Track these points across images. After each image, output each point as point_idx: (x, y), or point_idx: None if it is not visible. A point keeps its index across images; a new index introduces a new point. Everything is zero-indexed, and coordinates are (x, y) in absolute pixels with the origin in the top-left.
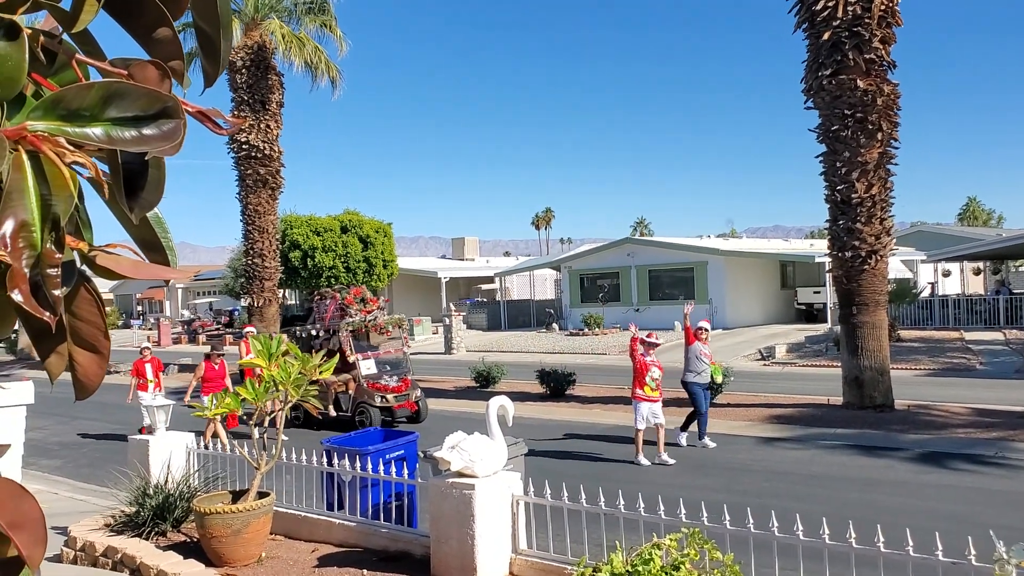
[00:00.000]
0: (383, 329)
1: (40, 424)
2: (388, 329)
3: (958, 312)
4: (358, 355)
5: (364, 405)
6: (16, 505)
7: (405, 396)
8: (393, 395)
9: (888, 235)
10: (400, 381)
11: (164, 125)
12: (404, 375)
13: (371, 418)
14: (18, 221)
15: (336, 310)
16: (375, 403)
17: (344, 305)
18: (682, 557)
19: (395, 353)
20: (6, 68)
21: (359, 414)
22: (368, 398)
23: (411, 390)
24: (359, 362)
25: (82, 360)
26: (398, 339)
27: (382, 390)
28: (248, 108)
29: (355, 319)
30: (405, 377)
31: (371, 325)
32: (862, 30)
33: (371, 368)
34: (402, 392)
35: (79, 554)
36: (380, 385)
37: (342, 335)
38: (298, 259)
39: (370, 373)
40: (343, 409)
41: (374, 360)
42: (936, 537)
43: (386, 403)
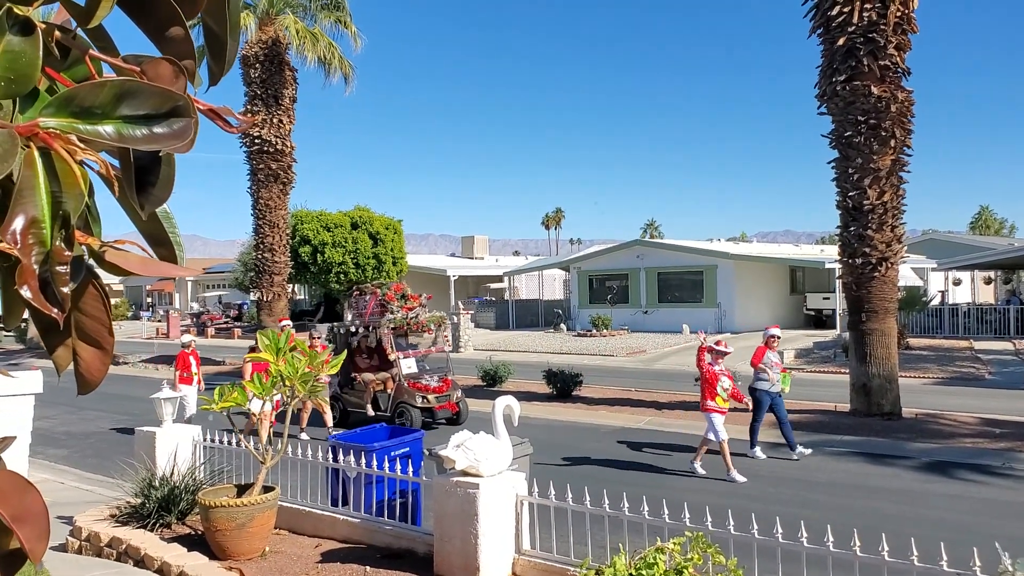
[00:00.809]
0: (425, 327)
1: (48, 414)
2: (430, 327)
3: (968, 321)
4: (399, 353)
5: (404, 405)
6: (20, 498)
7: (446, 397)
8: (434, 395)
9: (899, 242)
10: (441, 381)
11: (175, 124)
12: (445, 375)
13: (412, 419)
14: (28, 218)
15: (376, 306)
16: (416, 403)
17: (385, 301)
18: (685, 561)
19: (436, 352)
20: (20, 64)
21: (399, 414)
22: (409, 398)
23: (452, 390)
24: (400, 361)
25: (85, 355)
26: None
27: (423, 390)
28: (261, 102)
29: (396, 316)
30: (446, 377)
31: (413, 323)
32: (877, 36)
33: (412, 367)
34: (443, 393)
35: (84, 544)
36: (421, 385)
37: (383, 332)
38: (308, 254)
39: (411, 372)
40: (382, 408)
41: (415, 359)
42: (941, 547)
43: (427, 404)
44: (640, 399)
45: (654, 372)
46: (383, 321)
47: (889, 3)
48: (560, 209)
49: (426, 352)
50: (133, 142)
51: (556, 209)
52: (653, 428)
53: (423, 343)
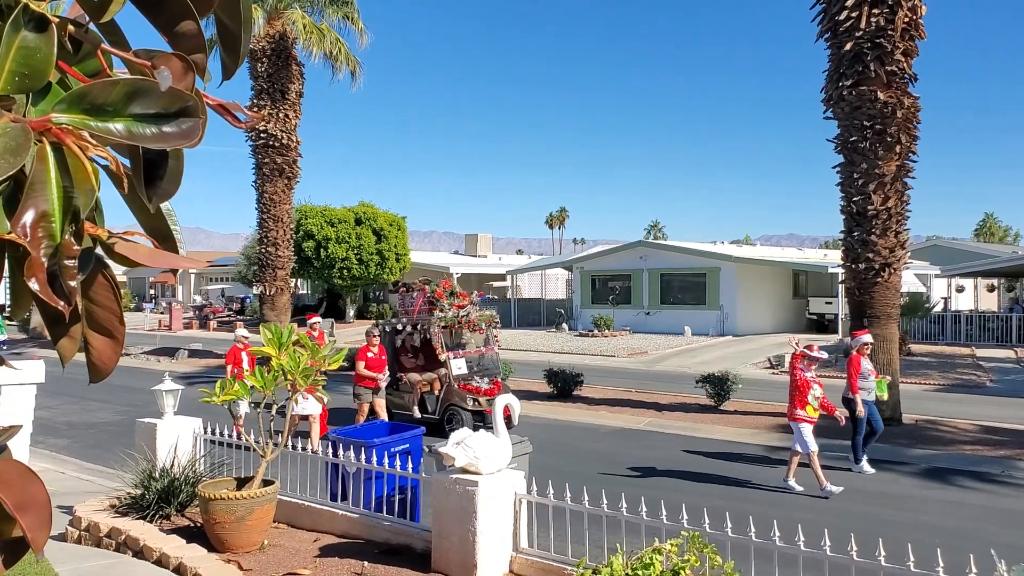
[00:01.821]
0: (476, 326)
1: (49, 403)
2: (481, 326)
3: (970, 328)
4: (449, 353)
5: (454, 408)
6: (24, 487)
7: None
8: (485, 398)
9: (902, 248)
10: (491, 383)
11: (184, 123)
12: (495, 376)
13: (463, 422)
14: (39, 211)
15: (424, 304)
16: (467, 406)
17: (434, 298)
18: (682, 562)
19: (486, 352)
20: (35, 60)
21: (448, 418)
22: (459, 400)
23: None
24: (450, 361)
25: (97, 344)
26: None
27: (474, 392)
28: (267, 97)
29: (447, 314)
30: (496, 379)
31: (464, 321)
32: (885, 42)
33: (462, 368)
34: (494, 395)
35: (83, 534)
36: (471, 387)
37: (433, 331)
38: (311, 249)
39: (460, 373)
40: (429, 411)
41: (464, 359)
42: (938, 553)
43: (478, 406)
44: (641, 400)
45: (655, 373)
46: (433, 319)
47: (897, 9)
48: (564, 209)
49: (477, 352)
50: (143, 140)
51: (560, 209)
52: (653, 429)
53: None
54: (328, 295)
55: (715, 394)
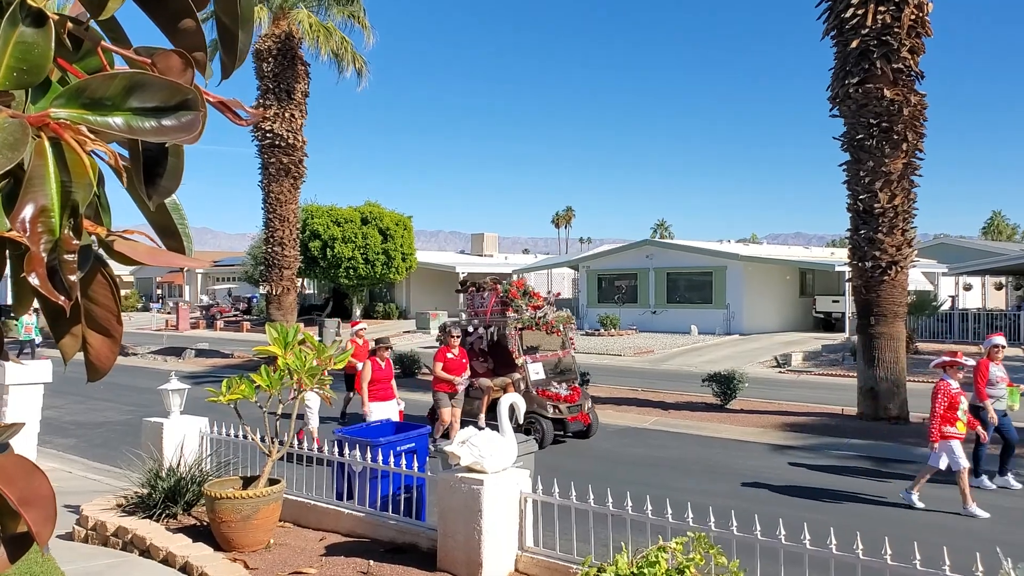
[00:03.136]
0: (554, 328)
1: (57, 403)
2: (559, 328)
3: (978, 326)
4: (526, 357)
5: (534, 415)
6: (28, 482)
7: (578, 407)
8: (566, 405)
9: (909, 246)
10: (570, 389)
11: (183, 117)
12: (573, 382)
13: (543, 431)
14: (38, 206)
15: (497, 304)
16: (547, 414)
17: (508, 298)
18: (687, 561)
19: (563, 356)
20: (32, 56)
21: (527, 424)
22: (539, 408)
23: (583, 400)
24: (527, 365)
25: (95, 342)
26: (566, 340)
27: (554, 399)
28: (273, 97)
29: (524, 315)
30: (575, 385)
31: (542, 323)
32: (891, 39)
33: (539, 373)
34: (575, 402)
35: (90, 533)
36: (551, 393)
37: (509, 333)
38: (318, 249)
39: (538, 379)
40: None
41: (542, 364)
42: (944, 552)
43: (559, 414)
44: (647, 399)
45: (661, 372)
46: (509, 320)
47: (903, 6)
48: (570, 208)
49: (553, 356)
50: (142, 134)
51: (566, 208)
52: (659, 428)
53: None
54: (334, 294)
55: (721, 393)
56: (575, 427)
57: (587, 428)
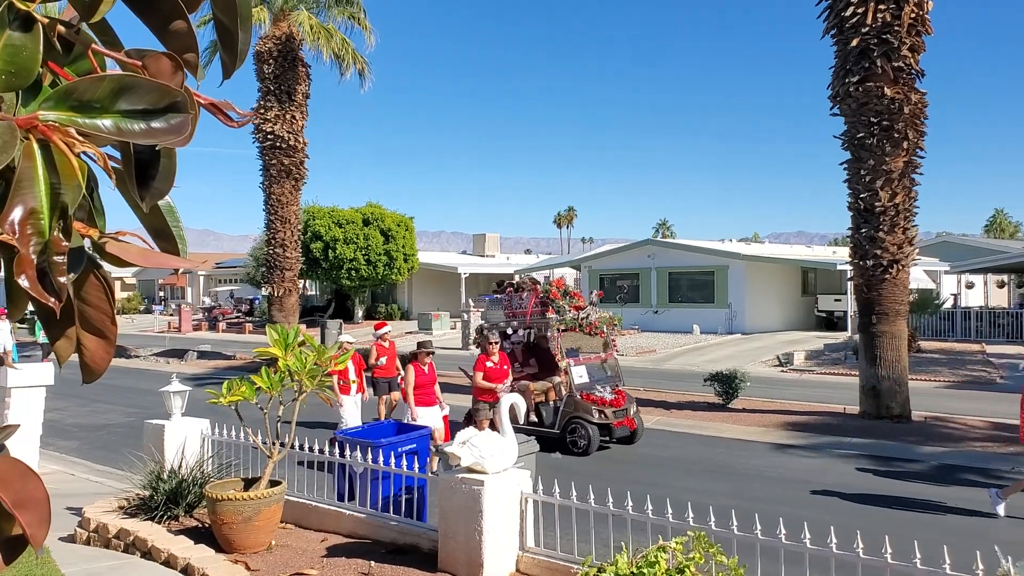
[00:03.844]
0: (597, 329)
1: (59, 405)
2: (602, 330)
3: (980, 325)
4: (569, 360)
5: (578, 421)
6: (22, 484)
7: (624, 411)
8: (611, 409)
9: (911, 245)
10: (615, 393)
11: (172, 119)
12: (616, 385)
13: (589, 437)
14: (27, 208)
15: (537, 305)
16: (592, 419)
17: (548, 299)
18: (687, 560)
19: (606, 358)
20: (21, 58)
21: (571, 431)
22: (583, 412)
23: (628, 404)
24: (571, 368)
25: (89, 344)
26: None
27: (599, 403)
28: (274, 98)
29: (566, 316)
30: (619, 388)
31: (585, 324)
32: (891, 37)
33: (583, 376)
34: (621, 407)
35: (92, 535)
36: (595, 397)
37: (552, 335)
38: (319, 250)
39: (582, 382)
40: (545, 423)
41: (585, 366)
42: (944, 550)
43: (604, 419)
44: (649, 398)
45: (663, 372)
46: (552, 322)
47: (903, 5)
48: (572, 208)
49: (596, 359)
50: (131, 136)
51: (568, 208)
52: (661, 428)
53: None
54: (336, 296)
55: (723, 392)
56: (621, 432)
57: (632, 433)
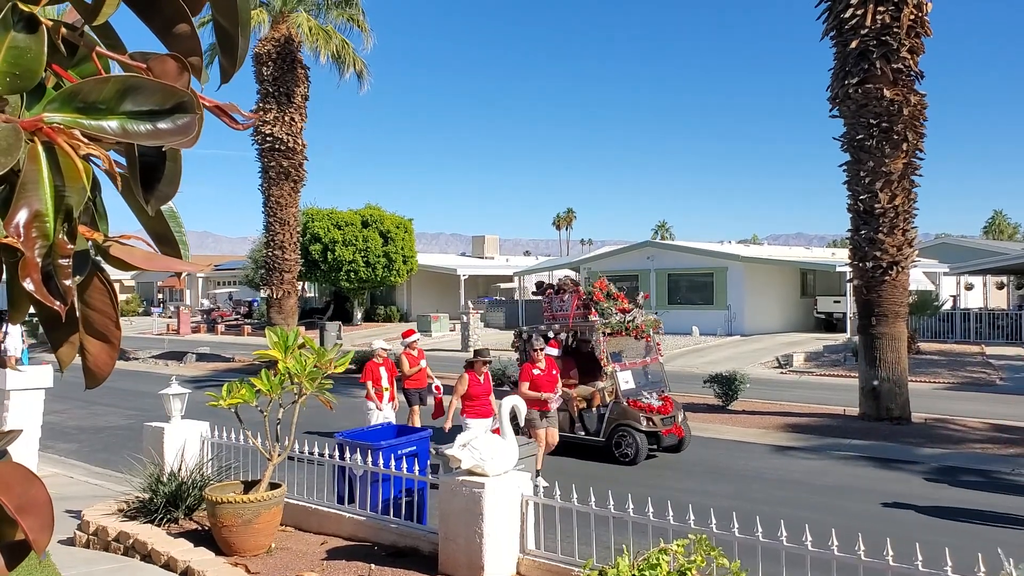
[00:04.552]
0: (643, 333)
1: (58, 408)
2: (648, 333)
3: (980, 326)
4: (616, 365)
5: (625, 428)
6: (25, 489)
7: (672, 419)
8: (660, 417)
9: (910, 246)
10: (661, 399)
11: (179, 120)
12: (663, 390)
13: (637, 446)
14: (32, 211)
15: (579, 307)
16: (640, 426)
17: (592, 300)
18: (688, 563)
19: (651, 363)
20: (25, 60)
21: (617, 439)
22: (630, 420)
23: (676, 411)
24: (617, 374)
25: (93, 349)
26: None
27: (646, 410)
28: (273, 101)
29: (612, 319)
30: (665, 393)
31: (632, 327)
32: (890, 39)
33: (629, 382)
34: (668, 413)
35: (92, 538)
36: (643, 404)
37: (596, 339)
38: (318, 252)
39: (629, 388)
40: (588, 431)
41: (631, 371)
42: (946, 552)
43: (652, 426)
44: None
45: None
46: (597, 325)
47: (903, 7)
48: (571, 210)
49: (642, 363)
50: (137, 137)
51: (567, 210)
52: None
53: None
54: (335, 298)
55: (723, 394)
56: (669, 440)
57: (680, 441)
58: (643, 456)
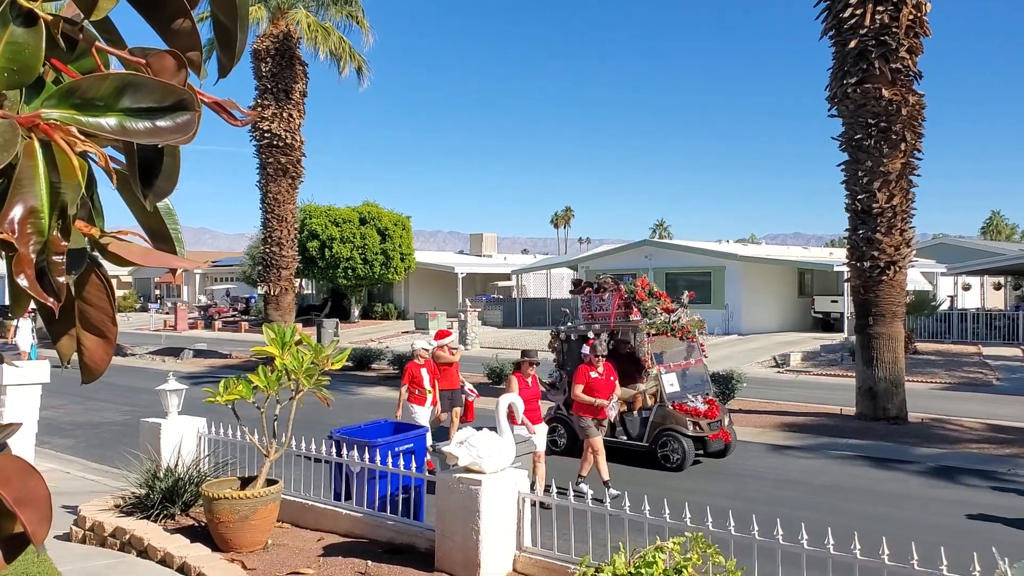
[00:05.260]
0: (689, 333)
1: (55, 403)
2: (693, 334)
3: (977, 326)
4: (660, 367)
5: (671, 433)
6: (23, 482)
7: (718, 423)
8: (707, 421)
9: (908, 246)
10: (707, 403)
11: (178, 117)
12: (707, 394)
13: (683, 452)
14: (27, 207)
15: (620, 306)
16: (686, 431)
17: (635, 299)
18: (684, 561)
19: (694, 365)
20: (23, 55)
21: (662, 444)
22: (677, 424)
23: (722, 415)
24: (662, 376)
25: (89, 344)
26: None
27: (693, 414)
28: (271, 97)
29: (657, 319)
30: (710, 397)
31: (677, 327)
32: (889, 39)
33: (674, 384)
34: (715, 418)
35: (88, 533)
36: (690, 408)
37: (641, 339)
38: (316, 249)
39: (674, 391)
40: (631, 435)
41: (675, 374)
42: (941, 552)
43: (699, 431)
44: None
45: None
46: (642, 325)
47: (902, 6)
48: (569, 208)
49: (686, 365)
50: (135, 135)
51: (566, 208)
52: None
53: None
54: (333, 295)
55: (720, 393)
56: (715, 446)
57: (726, 447)
58: (690, 462)
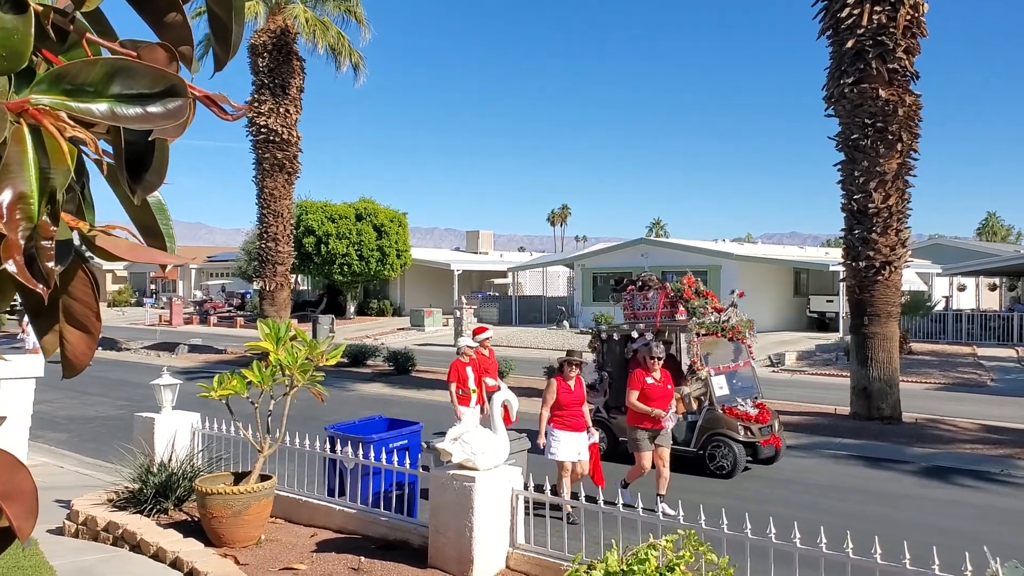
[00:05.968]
0: (739, 335)
1: (49, 397)
2: (744, 335)
3: (972, 327)
4: (710, 368)
5: (721, 438)
6: (10, 476)
7: (769, 428)
8: (758, 426)
9: (903, 247)
10: (757, 407)
11: (169, 103)
12: (757, 397)
13: (734, 458)
14: (16, 192)
15: (666, 305)
16: (737, 436)
17: (681, 298)
18: (677, 559)
19: (742, 367)
20: (12, 42)
21: (712, 450)
22: (727, 429)
23: (773, 419)
24: (711, 378)
25: (72, 339)
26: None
27: (743, 418)
28: (268, 92)
29: (707, 319)
30: (760, 400)
31: (728, 328)
32: (886, 39)
33: (724, 387)
34: (766, 422)
35: (81, 528)
36: (740, 412)
37: (690, 340)
38: (312, 245)
39: (723, 394)
40: (678, 440)
41: (724, 376)
42: (933, 551)
43: (751, 436)
44: None
45: None
46: (690, 325)
47: (899, 7)
48: (566, 206)
49: (735, 367)
50: (126, 121)
51: (562, 206)
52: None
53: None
54: (328, 291)
55: None
56: (766, 452)
57: (776, 452)
58: (740, 468)
